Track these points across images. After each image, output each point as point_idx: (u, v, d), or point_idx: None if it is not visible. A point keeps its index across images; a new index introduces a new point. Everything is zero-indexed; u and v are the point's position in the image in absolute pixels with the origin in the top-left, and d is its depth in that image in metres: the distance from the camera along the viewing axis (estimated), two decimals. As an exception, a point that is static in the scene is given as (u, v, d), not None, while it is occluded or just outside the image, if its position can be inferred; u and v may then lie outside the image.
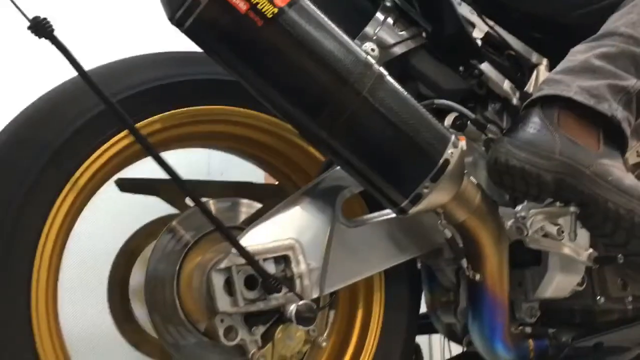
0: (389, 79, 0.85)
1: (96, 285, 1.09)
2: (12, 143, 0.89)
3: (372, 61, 0.85)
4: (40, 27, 0.74)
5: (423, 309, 1.21)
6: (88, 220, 0.99)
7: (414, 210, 0.88)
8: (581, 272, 1.11)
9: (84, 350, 1.03)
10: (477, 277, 1.00)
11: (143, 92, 0.93)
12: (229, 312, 0.90)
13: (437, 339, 1.72)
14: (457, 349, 1.30)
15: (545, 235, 1.04)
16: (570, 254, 1.06)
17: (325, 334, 1.01)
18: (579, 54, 1.01)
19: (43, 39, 0.77)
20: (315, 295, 0.94)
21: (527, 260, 1.10)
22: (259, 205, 1.04)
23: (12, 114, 0.92)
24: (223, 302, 0.90)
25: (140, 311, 1.03)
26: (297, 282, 0.92)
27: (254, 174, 1.31)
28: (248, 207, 1.03)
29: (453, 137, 0.89)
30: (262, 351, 0.93)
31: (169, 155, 1.01)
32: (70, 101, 0.91)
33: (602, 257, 1.07)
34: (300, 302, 0.91)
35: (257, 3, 0.77)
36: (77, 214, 0.94)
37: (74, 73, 0.82)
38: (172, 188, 1.00)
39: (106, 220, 1.37)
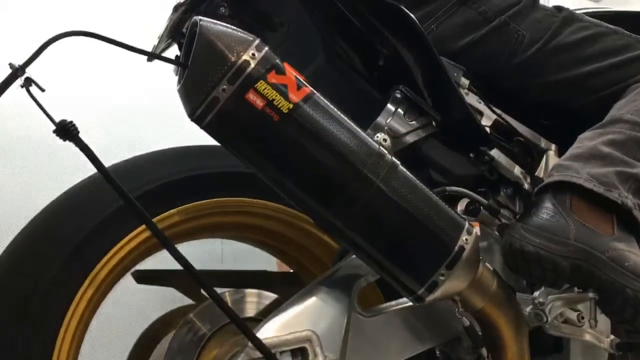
0: (402, 168, 0.87)
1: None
2: (34, 238, 0.91)
3: (385, 151, 0.87)
4: (66, 130, 0.77)
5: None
6: (105, 312, 0.99)
7: (430, 298, 0.88)
8: (604, 359, 1.08)
9: None
10: (498, 366, 0.98)
11: (161, 186, 0.96)
12: (246, 408, 0.88)
13: None
14: None
15: (565, 322, 1.03)
16: (591, 340, 1.04)
17: None
18: (586, 140, 1.04)
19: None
20: (333, 389, 0.92)
21: (548, 348, 1.08)
22: (274, 296, 1.04)
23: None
24: (240, 397, 0.88)
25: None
26: (315, 375, 0.91)
27: (266, 260, 1.32)
28: (264, 297, 1.03)
29: (467, 223, 0.90)
30: None
31: (184, 244, 1.02)
32: (91, 197, 0.93)
33: (624, 343, 1.05)
34: (319, 396, 0.89)
35: (273, 99, 0.80)
36: (96, 308, 0.94)
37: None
38: (187, 279, 1.00)
39: (123, 311, 1.36)
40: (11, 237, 0.93)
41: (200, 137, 0.90)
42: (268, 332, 0.91)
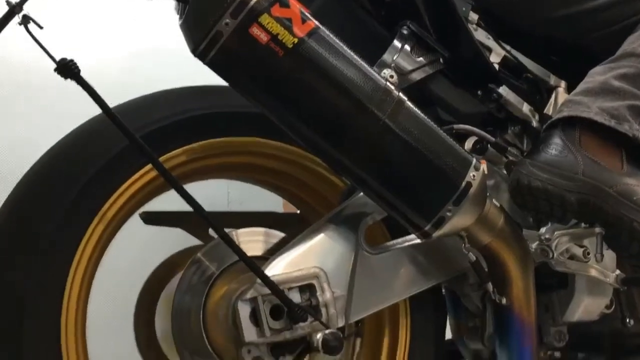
0: (409, 104, 0.86)
1: (123, 319, 1.10)
2: (41, 179, 0.91)
3: (392, 87, 0.86)
4: (67, 69, 0.76)
5: (448, 335, 1.19)
6: (114, 253, 1.00)
7: (437, 234, 0.88)
8: (609, 294, 1.10)
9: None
10: (504, 301, 0.99)
11: (167, 126, 0.95)
12: (255, 343, 0.90)
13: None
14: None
15: (571, 257, 1.04)
16: (597, 276, 1.05)
17: (352, 363, 1.00)
18: (597, 75, 1.02)
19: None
20: (341, 324, 0.94)
21: (553, 284, 1.09)
22: (282, 235, 1.04)
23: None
24: (249, 332, 0.89)
25: (167, 345, 1.03)
26: (323, 310, 0.92)
27: (272, 203, 1.32)
28: (271, 236, 1.03)
29: (474, 160, 0.89)
30: (290, 381, 0.92)
31: (189, 187, 1.02)
32: (96, 137, 0.92)
33: (630, 278, 1.06)
34: (327, 331, 0.91)
35: (278, 34, 0.78)
36: (105, 247, 0.95)
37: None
38: (195, 220, 1.01)
39: (131, 253, 1.38)
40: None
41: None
42: (276, 269, 0.92)
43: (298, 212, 1.21)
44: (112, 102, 0.85)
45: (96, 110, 0.84)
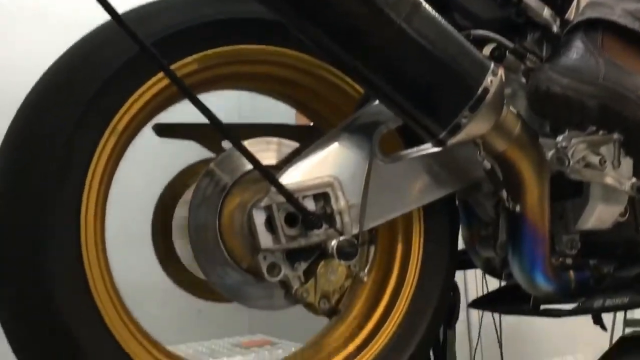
0: (426, 6, 0.83)
1: (140, 231, 1.11)
2: (49, 90, 0.89)
3: (407, -11, 0.82)
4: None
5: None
6: (127, 166, 1.00)
7: (452, 141, 0.87)
8: (624, 202, 1.09)
9: (134, 294, 1.05)
10: (517, 208, 0.99)
11: (178, 32, 0.92)
12: (271, 249, 0.91)
13: (472, 274, 1.73)
14: (493, 284, 1.31)
15: (587, 166, 1.03)
16: (612, 183, 1.04)
17: (366, 269, 1.01)
18: (623, -26, 0.97)
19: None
20: (355, 232, 0.94)
21: (568, 192, 1.09)
22: (295, 144, 1.04)
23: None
24: (265, 239, 0.91)
25: (184, 254, 1.05)
26: (337, 218, 0.93)
27: (284, 117, 1.31)
28: (285, 146, 1.03)
29: (492, 65, 0.87)
30: (305, 286, 0.94)
31: (200, 98, 1.00)
32: (105, 45, 0.90)
33: (646, 186, 1.05)
34: (341, 238, 0.92)
35: None
36: (119, 159, 0.94)
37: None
38: (209, 131, 1.00)
39: (145, 165, 1.38)
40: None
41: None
42: (290, 178, 0.92)
43: (311, 124, 1.20)
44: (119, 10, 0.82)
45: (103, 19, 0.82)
